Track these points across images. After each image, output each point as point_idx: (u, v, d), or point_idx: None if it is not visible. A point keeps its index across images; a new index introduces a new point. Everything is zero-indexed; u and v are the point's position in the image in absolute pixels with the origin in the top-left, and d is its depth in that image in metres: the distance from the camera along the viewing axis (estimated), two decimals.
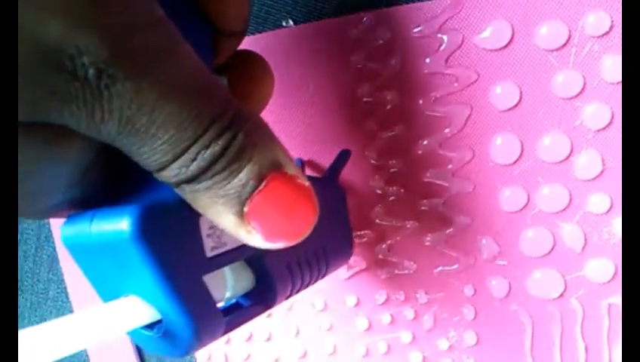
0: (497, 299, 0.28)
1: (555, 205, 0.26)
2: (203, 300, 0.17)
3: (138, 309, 0.16)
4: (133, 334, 0.17)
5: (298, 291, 0.22)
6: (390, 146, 0.27)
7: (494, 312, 0.28)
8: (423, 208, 0.28)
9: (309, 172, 0.29)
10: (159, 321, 0.16)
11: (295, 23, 0.27)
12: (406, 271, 0.29)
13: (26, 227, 0.37)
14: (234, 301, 0.21)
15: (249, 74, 0.22)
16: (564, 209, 0.26)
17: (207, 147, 0.14)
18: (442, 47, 0.25)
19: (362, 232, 0.29)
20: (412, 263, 0.29)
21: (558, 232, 0.26)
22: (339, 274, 0.30)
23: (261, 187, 0.15)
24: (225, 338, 0.33)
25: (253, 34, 0.28)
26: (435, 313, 0.29)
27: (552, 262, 0.26)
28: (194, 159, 0.14)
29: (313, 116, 0.28)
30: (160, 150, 0.14)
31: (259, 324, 0.32)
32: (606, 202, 0.25)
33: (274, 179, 0.15)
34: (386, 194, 0.28)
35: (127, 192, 0.17)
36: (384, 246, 0.29)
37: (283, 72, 0.28)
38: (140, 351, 0.37)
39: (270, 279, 0.20)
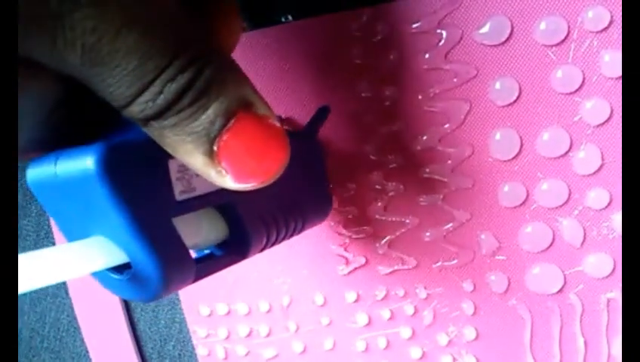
0: (497, 294, 0.28)
1: (554, 200, 0.26)
2: (172, 242, 0.16)
3: (105, 250, 0.15)
4: (100, 277, 0.17)
5: (273, 244, 0.22)
6: (389, 142, 0.27)
7: (494, 307, 0.28)
8: (422, 204, 0.28)
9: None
10: (128, 265, 0.16)
11: (294, 18, 0.27)
12: (405, 267, 0.29)
13: (25, 223, 0.38)
14: (207, 251, 0.21)
15: (215, 12, 0.21)
16: (564, 204, 0.26)
17: (172, 80, 0.14)
18: (441, 43, 0.25)
19: (361, 228, 0.29)
20: (411, 259, 0.29)
21: (558, 227, 0.26)
22: (338, 270, 0.30)
23: (230, 125, 0.15)
24: (225, 333, 0.33)
25: (251, 29, 0.28)
26: (434, 308, 0.29)
27: (551, 258, 0.27)
28: (160, 92, 0.14)
29: (311, 112, 0.28)
30: (125, 82, 0.14)
31: (259, 321, 0.32)
32: (605, 197, 0.25)
33: (243, 118, 0.15)
34: (385, 190, 0.28)
35: (95, 134, 0.16)
36: (383, 241, 0.29)
37: (282, 68, 0.28)
38: (139, 346, 0.37)
39: (243, 230, 0.20)
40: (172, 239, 0.17)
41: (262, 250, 0.21)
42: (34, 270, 0.13)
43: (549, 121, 0.25)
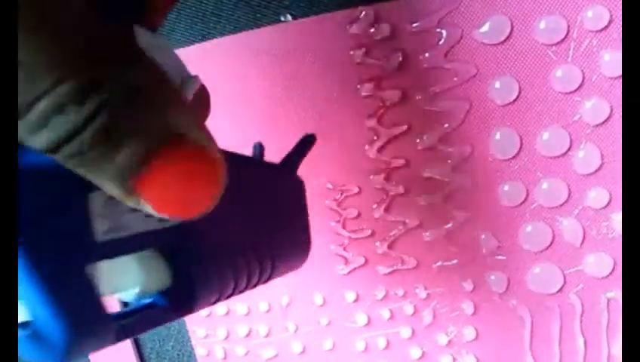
0: (496, 294, 0.28)
1: (554, 200, 0.26)
2: (82, 295, 0.13)
3: None
4: None
5: (231, 296, 0.18)
6: (390, 142, 0.27)
7: (493, 307, 0.28)
8: (422, 203, 0.28)
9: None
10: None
11: (293, 17, 0.27)
12: (405, 267, 0.29)
13: None
14: (148, 300, 0.17)
15: None
16: (563, 203, 0.26)
17: (63, 108, 0.11)
18: (441, 42, 0.25)
19: (361, 228, 0.29)
20: (411, 258, 0.29)
21: (557, 227, 0.26)
22: (337, 270, 0.30)
23: (149, 164, 0.12)
24: (224, 334, 0.33)
25: (250, 28, 0.28)
26: (434, 308, 0.29)
27: (551, 257, 0.27)
28: (45, 121, 0.11)
29: (311, 112, 0.28)
30: None
31: (258, 321, 0.32)
32: (605, 197, 0.25)
33: (166, 153, 0.12)
34: (386, 190, 0.28)
35: None
36: (383, 241, 0.29)
37: (281, 68, 0.28)
38: (138, 346, 0.36)
39: (188, 278, 0.16)
40: (83, 290, 0.13)
41: (214, 303, 0.18)
42: None
43: (549, 121, 0.25)
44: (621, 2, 0.23)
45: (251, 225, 0.15)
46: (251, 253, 0.19)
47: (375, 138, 0.27)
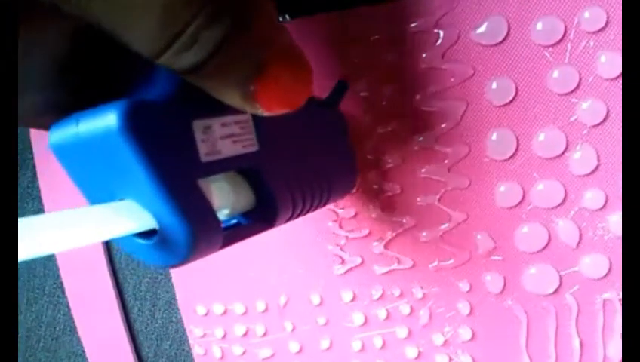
0: (492, 295, 0.28)
1: (550, 201, 0.26)
2: (199, 203, 0.16)
3: (134, 213, 0.15)
4: (125, 243, 0.16)
5: (299, 214, 0.22)
6: (386, 142, 0.27)
7: (489, 307, 0.28)
8: (419, 204, 0.28)
9: None
10: (155, 231, 0.16)
11: (291, 17, 0.27)
12: (402, 267, 0.29)
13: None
14: (234, 221, 0.20)
15: None
16: (560, 204, 0.26)
17: (205, 29, 0.13)
18: (439, 43, 0.25)
19: (358, 228, 0.29)
20: (408, 259, 0.29)
21: (553, 228, 0.26)
22: (334, 270, 0.30)
23: (264, 71, 0.15)
24: (222, 333, 0.33)
25: None
26: (430, 308, 0.29)
27: (547, 258, 0.27)
28: (190, 46, 0.13)
29: None
30: (151, 32, 0.13)
31: (255, 320, 0.32)
32: (601, 198, 0.25)
33: (276, 62, 0.15)
34: (383, 190, 0.28)
35: (116, 94, 0.16)
36: (380, 241, 0.29)
37: None
38: (136, 346, 0.37)
39: (271, 196, 0.19)
40: (199, 201, 0.16)
41: (288, 219, 0.21)
42: (59, 231, 0.13)
43: (545, 122, 0.25)
44: (619, 3, 0.23)
45: (311, 152, 0.18)
46: (313, 175, 0.22)
47: (372, 138, 0.27)
